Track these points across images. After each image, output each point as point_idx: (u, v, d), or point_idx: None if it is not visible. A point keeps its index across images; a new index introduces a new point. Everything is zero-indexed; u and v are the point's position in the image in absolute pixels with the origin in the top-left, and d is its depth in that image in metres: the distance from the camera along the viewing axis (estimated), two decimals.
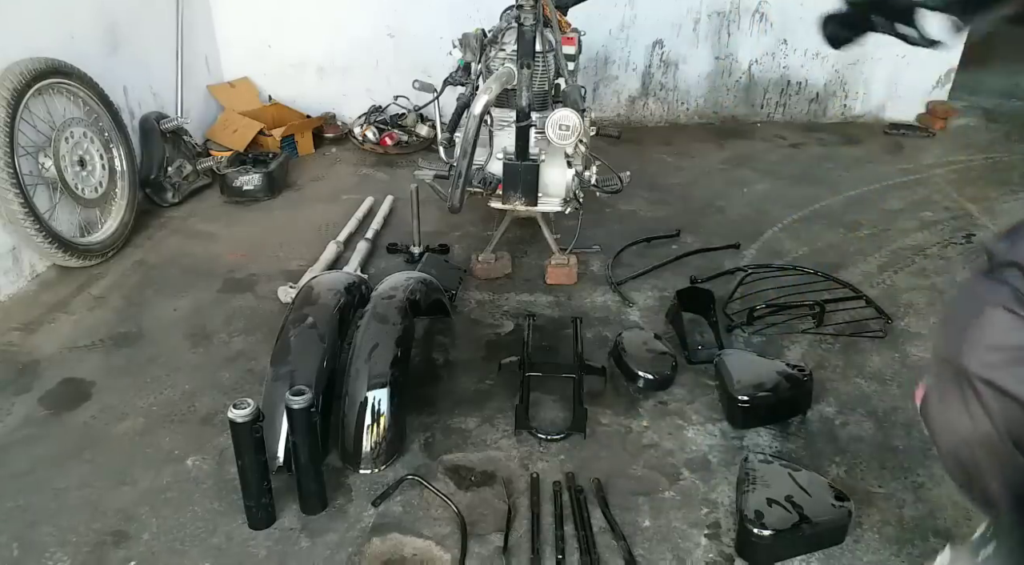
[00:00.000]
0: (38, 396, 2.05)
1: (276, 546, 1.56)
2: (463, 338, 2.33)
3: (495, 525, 1.59)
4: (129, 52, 3.30)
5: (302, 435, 1.57)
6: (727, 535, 1.58)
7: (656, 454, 1.83)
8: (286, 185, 3.62)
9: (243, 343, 2.30)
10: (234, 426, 1.48)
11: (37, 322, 2.42)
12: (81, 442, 1.87)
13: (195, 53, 3.87)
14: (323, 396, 1.75)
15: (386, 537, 1.57)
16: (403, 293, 2.01)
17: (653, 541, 1.57)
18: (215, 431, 1.89)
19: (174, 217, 3.27)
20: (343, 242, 2.93)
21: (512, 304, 2.52)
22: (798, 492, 1.55)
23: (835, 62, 4.51)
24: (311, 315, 1.89)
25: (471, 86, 2.57)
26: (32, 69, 2.54)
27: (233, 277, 2.72)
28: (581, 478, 1.73)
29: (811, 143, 4.32)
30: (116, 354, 2.25)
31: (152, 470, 1.77)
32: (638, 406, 2.00)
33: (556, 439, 1.85)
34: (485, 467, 1.76)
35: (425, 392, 2.04)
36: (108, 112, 2.97)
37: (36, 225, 2.50)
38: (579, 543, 1.54)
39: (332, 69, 4.30)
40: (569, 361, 2.14)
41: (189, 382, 2.10)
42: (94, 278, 2.72)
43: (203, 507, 1.66)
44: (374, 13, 4.16)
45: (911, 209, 3.36)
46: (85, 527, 1.61)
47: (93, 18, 3.09)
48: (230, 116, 3.92)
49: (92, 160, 2.85)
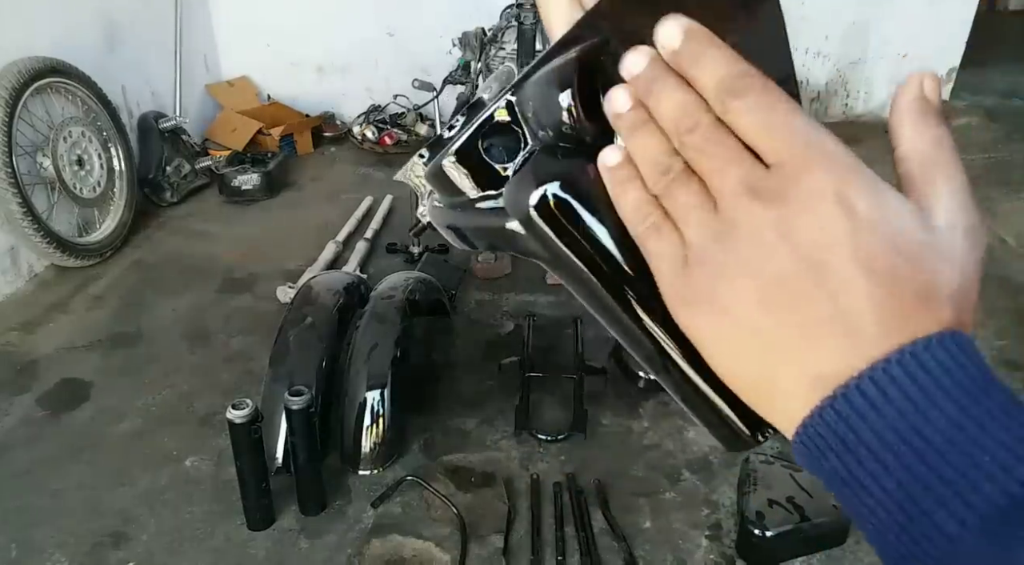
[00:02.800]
0: (36, 396, 2.04)
1: (275, 547, 1.55)
2: (463, 338, 2.32)
3: (495, 526, 1.58)
4: (127, 51, 3.30)
5: (301, 436, 1.56)
6: (728, 536, 1.58)
7: (657, 455, 1.82)
8: (285, 185, 3.61)
9: (242, 343, 2.29)
10: (233, 427, 1.48)
11: (35, 322, 2.42)
12: (79, 443, 1.86)
13: (194, 52, 3.86)
14: (322, 397, 1.74)
15: (385, 538, 1.56)
16: (402, 293, 2.01)
17: (654, 542, 1.56)
18: (214, 432, 1.88)
19: (172, 217, 3.26)
20: (342, 242, 2.92)
21: (512, 304, 2.52)
22: (799, 493, 1.55)
23: (837, 61, 4.50)
24: (310, 315, 1.88)
25: (471, 85, 2.56)
26: (30, 68, 2.53)
27: (232, 277, 2.71)
28: (581, 479, 1.72)
29: None
30: (114, 354, 2.24)
31: (150, 471, 1.76)
32: (639, 407, 1.99)
33: (556, 440, 1.84)
34: (485, 468, 1.75)
35: (425, 392, 2.03)
36: (106, 111, 2.96)
37: (34, 225, 2.50)
38: (580, 544, 1.53)
39: (331, 68, 4.29)
40: (569, 362, 2.14)
41: (188, 382, 2.09)
42: (92, 278, 2.71)
43: (202, 508, 1.65)
44: (374, 12, 4.15)
45: None
46: (83, 528, 1.60)
47: (92, 17, 3.09)
48: (229, 115, 3.92)
49: (90, 160, 2.84)
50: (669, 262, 0.31)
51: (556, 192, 0.34)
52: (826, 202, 0.27)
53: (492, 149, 0.39)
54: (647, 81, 0.30)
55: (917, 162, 0.30)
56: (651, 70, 0.30)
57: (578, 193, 0.34)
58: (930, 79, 0.31)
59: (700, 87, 0.29)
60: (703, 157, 0.30)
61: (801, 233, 0.27)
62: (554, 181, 0.34)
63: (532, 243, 0.37)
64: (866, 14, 4.32)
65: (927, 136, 0.31)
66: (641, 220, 0.32)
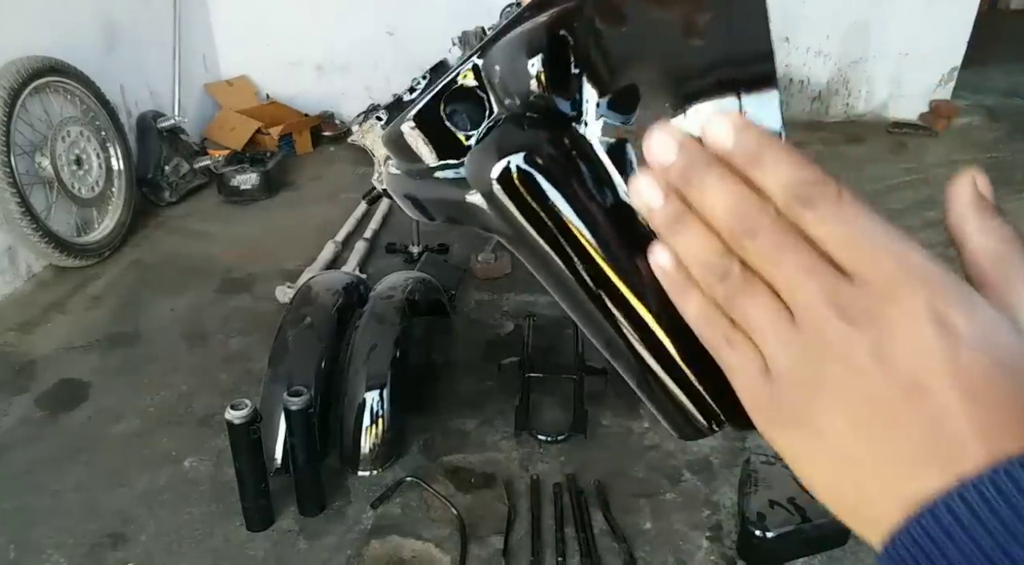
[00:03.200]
0: (35, 397, 2.04)
1: (274, 548, 1.55)
2: (463, 338, 2.32)
3: (495, 527, 1.58)
4: (126, 51, 3.29)
5: (300, 436, 1.55)
6: (729, 537, 1.57)
7: (657, 455, 1.81)
8: (284, 184, 3.60)
9: (240, 343, 2.28)
10: (231, 427, 1.47)
11: (34, 322, 2.41)
12: (78, 443, 1.85)
13: (192, 51, 3.85)
14: (321, 397, 1.74)
15: (385, 539, 1.56)
16: (402, 293, 2.00)
17: (654, 543, 1.55)
18: (212, 432, 1.87)
19: (171, 216, 3.26)
20: (341, 242, 2.91)
21: (512, 304, 2.51)
22: (800, 494, 1.54)
23: (837, 61, 4.49)
24: (309, 315, 1.88)
25: None
26: (29, 67, 2.53)
27: (230, 277, 2.71)
28: (582, 480, 1.71)
29: (813, 142, 4.30)
30: (113, 355, 2.24)
31: (149, 471, 1.75)
32: (639, 407, 1.98)
33: (557, 440, 1.84)
34: (485, 469, 1.75)
35: (425, 393, 2.03)
36: (105, 111, 2.95)
37: (33, 225, 2.49)
38: (580, 545, 1.53)
39: (331, 67, 4.29)
40: (570, 362, 2.13)
41: (186, 383, 2.09)
42: (91, 278, 2.71)
43: (200, 509, 1.65)
44: (373, 11, 4.14)
45: (914, 209, 3.35)
46: (82, 529, 1.59)
47: (90, 17, 3.08)
48: (228, 115, 3.91)
49: (89, 159, 2.84)
50: (749, 376, 0.29)
51: (521, 165, 0.32)
52: (922, 323, 0.26)
53: (455, 115, 0.37)
54: (683, 170, 0.28)
55: (990, 262, 0.30)
56: (686, 158, 0.28)
57: (544, 167, 0.32)
58: (981, 177, 0.31)
59: (760, 188, 0.28)
60: (771, 265, 0.28)
61: (898, 356, 0.26)
62: (519, 152, 0.32)
63: (493, 218, 0.35)
64: (867, 13, 4.31)
65: (995, 235, 0.30)
66: (711, 331, 0.30)
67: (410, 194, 0.43)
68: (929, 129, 4.46)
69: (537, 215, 0.33)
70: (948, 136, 4.39)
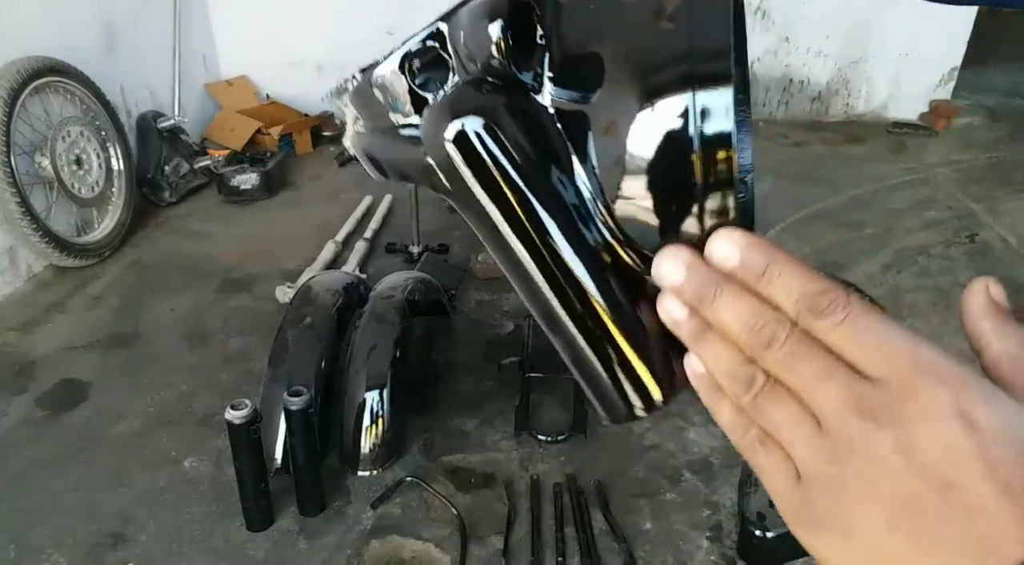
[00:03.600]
0: (35, 397, 2.03)
1: (274, 548, 1.55)
2: (463, 338, 2.31)
3: (495, 527, 1.58)
4: (126, 51, 3.29)
5: (300, 436, 1.55)
6: (729, 537, 1.57)
7: (657, 455, 1.81)
8: (284, 184, 3.60)
9: (240, 343, 2.28)
10: (231, 427, 1.47)
11: (34, 322, 2.41)
12: (78, 443, 1.85)
13: (193, 51, 3.85)
14: (321, 397, 1.74)
15: (385, 539, 1.56)
16: (402, 293, 2.00)
17: (654, 543, 1.55)
18: (212, 432, 1.87)
19: (171, 217, 3.26)
20: (341, 242, 2.91)
21: (512, 304, 2.51)
22: None
23: (838, 61, 4.49)
24: (309, 315, 1.88)
25: None
26: (29, 68, 2.53)
27: (230, 277, 2.71)
28: (582, 480, 1.71)
29: (813, 142, 4.31)
30: (113, 355, 2.24)
31: (149, 472, 1.75)
32: None
33: (557, 441, 1.84)
34: (485, 469, 1.75)
35: (425, 393, 2.03)
36: (105, 111, 2.95)
37: (33, 225, 2.49)
38: (580, 545, 1.53)
39: (331, 67, 4.28)
40: None
41: (186, 383, 2.09)
42: (91, 278, 2.71)
43: (200, 509, 1.65)
44: (373, 10, 4.14)
45: (914, 209, 3.35)
46: (82, 529, 1.59)
47: (90, 17, 3.08)
48: (228, 115, 3.91)
49: (89, 159, 2.84)
50: (780, 479, 0.30)
51: (475, 128, 0.32)
52: (946, 419, 0.26)
53: (426, 81, 0.37)
54: (694, 292, 0.29)
55: (1011, 365, 0.30)
56: (695, 280, 0.29)
57: (496, 132, 0.32)
58: (995, 284, 0.31)
59: (772, 301, 0.28)
60: (789, 373, 0.29)
61: (925, 453, 0.26)
62: (472, 116, 0.32)
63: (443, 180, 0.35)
64: (867, 13, 4.31)
65: (1014, 339, 0.31)
66: (741, 434, 0.31)
67: (370, 153, 0.44)
68: (929, 129, 4.46)
69: (487, 179, 0.33)
70: (948, 136, 4.39)
